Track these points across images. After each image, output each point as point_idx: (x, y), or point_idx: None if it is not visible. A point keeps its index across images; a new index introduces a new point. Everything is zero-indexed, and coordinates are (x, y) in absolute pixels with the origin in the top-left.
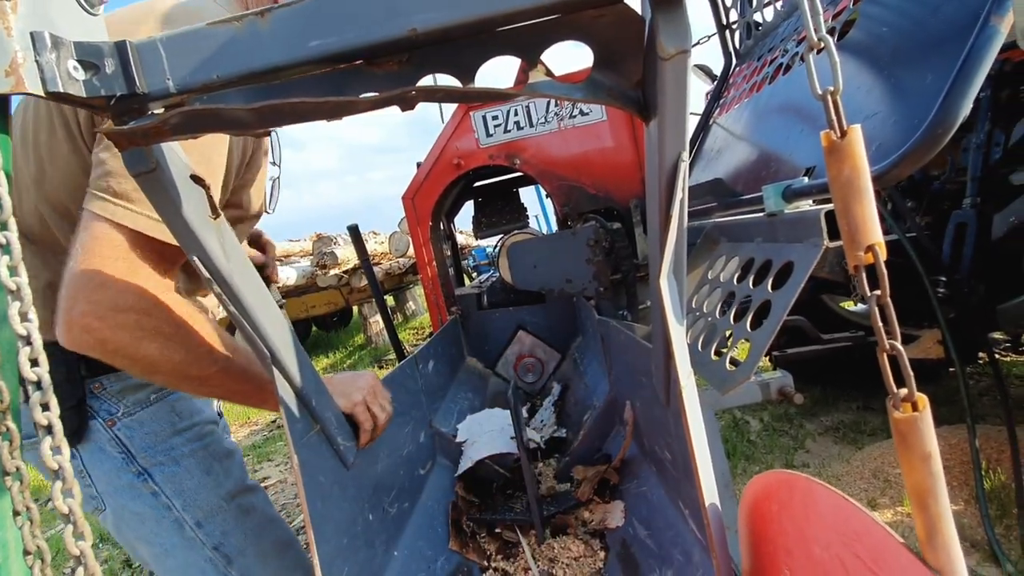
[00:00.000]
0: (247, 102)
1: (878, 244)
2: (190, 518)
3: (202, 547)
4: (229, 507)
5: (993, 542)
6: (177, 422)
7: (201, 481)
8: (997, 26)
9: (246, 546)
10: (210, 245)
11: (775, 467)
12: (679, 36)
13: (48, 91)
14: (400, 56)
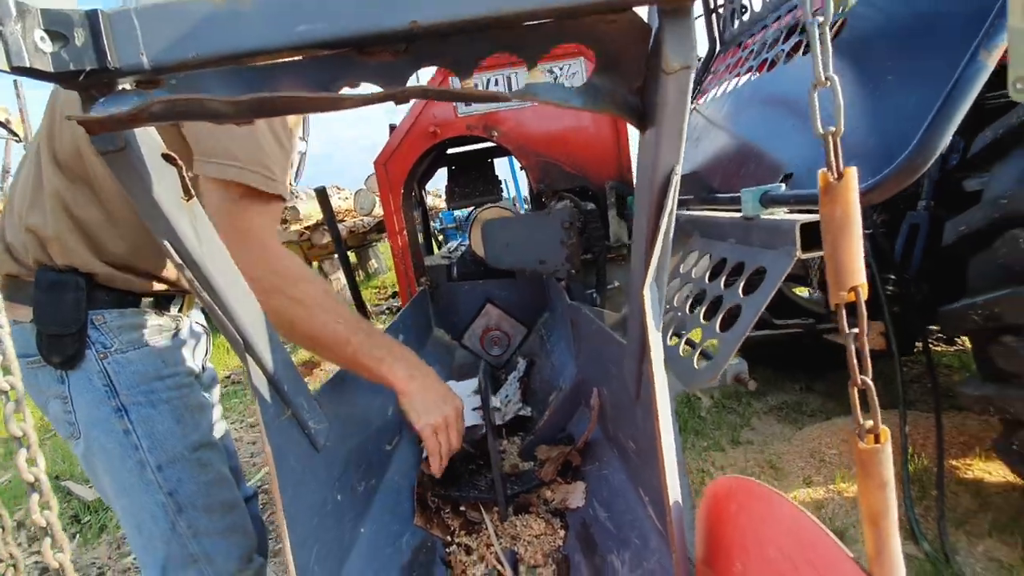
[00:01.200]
0: (225, 84)
1: (861, 286)
2: (153, 460)
3: (158, 491)
4: (190, 458)
5: (913, 521)
6: (162, 368)
7: (171, 428)
8: (984, 61)
9: (197, 498)
10: (182, 228)
11: (722, 443)
12: (685, 51)
13: (13, 66)
14: (396, 47)
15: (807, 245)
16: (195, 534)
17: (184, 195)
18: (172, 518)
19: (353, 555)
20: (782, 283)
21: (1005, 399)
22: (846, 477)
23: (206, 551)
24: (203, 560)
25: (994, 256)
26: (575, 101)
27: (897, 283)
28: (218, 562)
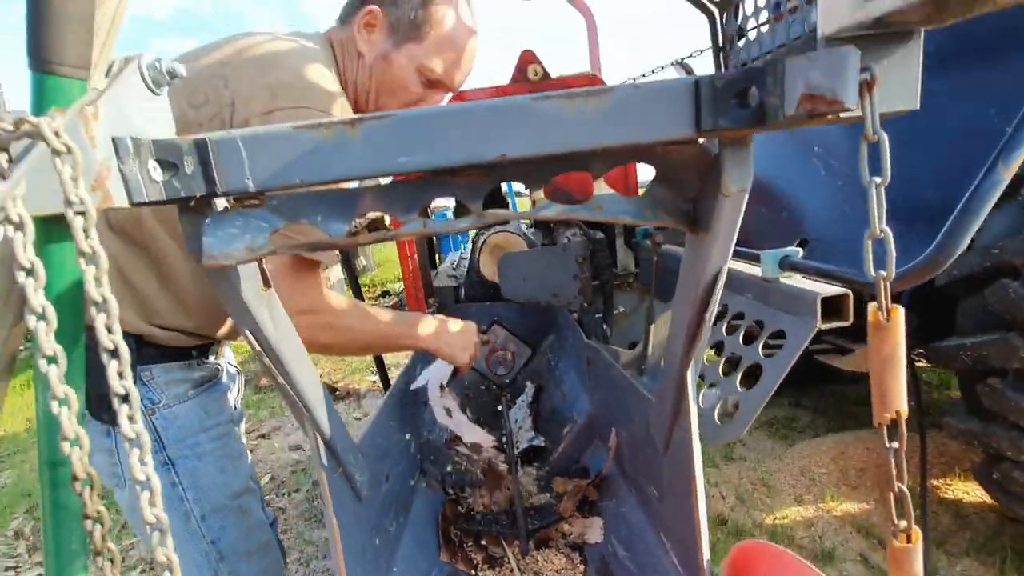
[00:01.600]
0: (322, 202)
1: (903, 409)
2: (198, 511)
3: (202, 539)
4: (232, 506)
5: None
6: (205, 419)
7: (214, 479)
8: (1002, 175)
9: (238, 544)
10: (262, 318)
11: (715, 459)
12: (743, 177)
13: (133, 202)
14: (481, 170)
15: (826, 314)
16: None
17: (263, 285)
18: (215, 566)
19: None
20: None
21: (989, 435)
22: (835, 496)
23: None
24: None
25: (984, 302)
26: (636, 215)
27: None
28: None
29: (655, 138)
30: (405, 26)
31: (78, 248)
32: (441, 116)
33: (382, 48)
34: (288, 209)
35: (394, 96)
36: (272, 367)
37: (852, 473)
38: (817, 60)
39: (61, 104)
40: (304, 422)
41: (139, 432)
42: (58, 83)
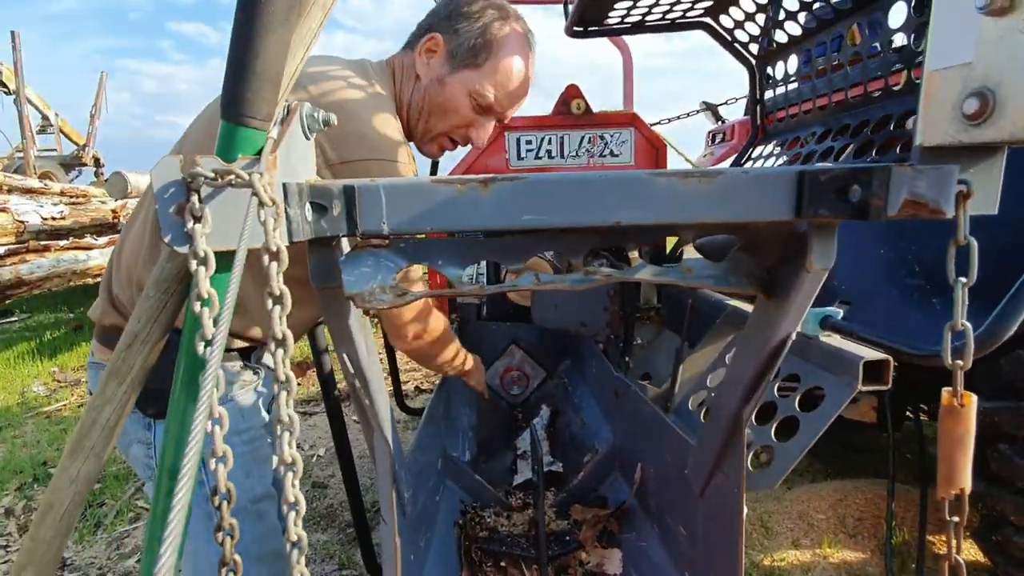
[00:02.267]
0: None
1: (967, 487)
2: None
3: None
4: (250, 510)
5: None
6: (240, 422)
7: (239, 481)
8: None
9: (251, 549)
10: (359, 343)
11: None
12: (827, 257)
13: (292, 241)
14: (590, 230)
15: (867, 379)
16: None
17: (365, 314)
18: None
19: None
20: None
21: (994, 498)
22: (832, 543)
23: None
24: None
25: (999, 370)
26: (720, 280)
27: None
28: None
29: (756, 218)
30: (464, 53)
31: (270, 290)
32: (567, 183)
33: (439, 72)
34: (413, 251)
35: (444, 118)
36: (360, 389)
37: (850, 521)
38: (923, 173)
39: (245, 152)
40: (373, 441)
41: (291, 416)
42: (247, 134)
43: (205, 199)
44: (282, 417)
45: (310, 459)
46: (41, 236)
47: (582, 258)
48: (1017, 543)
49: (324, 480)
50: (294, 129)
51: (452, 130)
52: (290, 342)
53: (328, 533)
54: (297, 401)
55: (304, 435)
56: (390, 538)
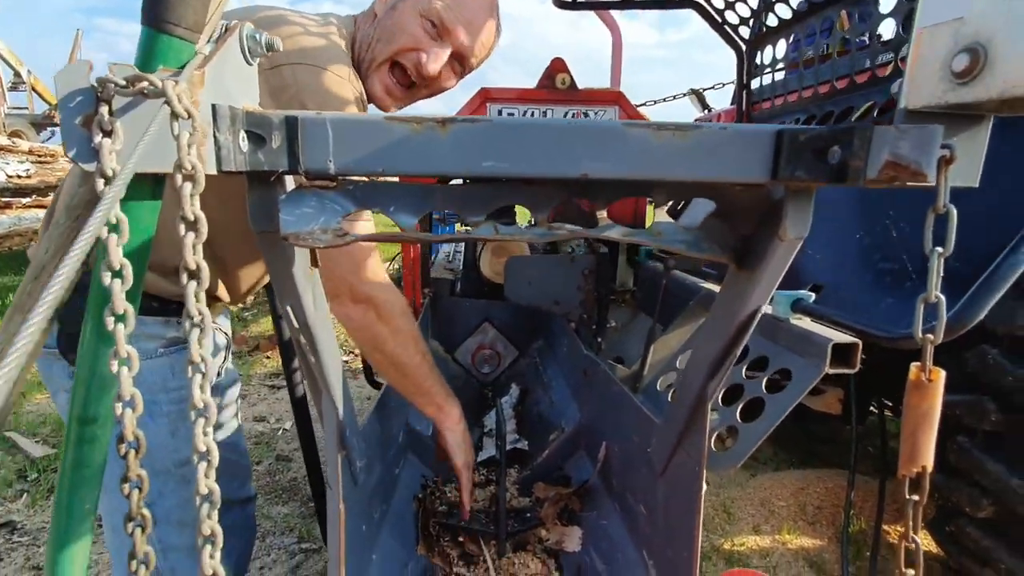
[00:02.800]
0: (396, 193)
1: (929, 465)
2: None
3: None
4: (175, 473)
5: None
6: (169, 380)
7: (163, 442)
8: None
9: (172, 513)
10: (305, 298)
11: None
12: (802, 225)
13: (222, 170)
14: (557, 183)
15: (834, 362)
16: (164, 549)
17: (312, 264)
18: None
19: None
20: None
21: (950, 490)
22: (792, 529)
23: (172, 567)
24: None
25: (963, 364)
26: (692, 246)
27: (865, 362)
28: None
29: (731, 178)
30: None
31: (183, 214)
32: (531, 128)
33: (392, 1)
34: (362, 195)
35: (391, 41)
36: (306, 345)
37: (810, 509)
38: (906, 133)
39: (167, 64)
40: (322, 403)
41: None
42: (169, 43)
43: (118, 112)
44: (193, 358)
45: (276, 432)
46: (5, 194)
47: (547, 214)
48: (970, 534)
49: (288, 454)
50: (230, 48)
51: (400, 53)
52: (204, 274)
53: (289, 506)
54: (267, 373)
55: (271, 408)
56: (335, 505)
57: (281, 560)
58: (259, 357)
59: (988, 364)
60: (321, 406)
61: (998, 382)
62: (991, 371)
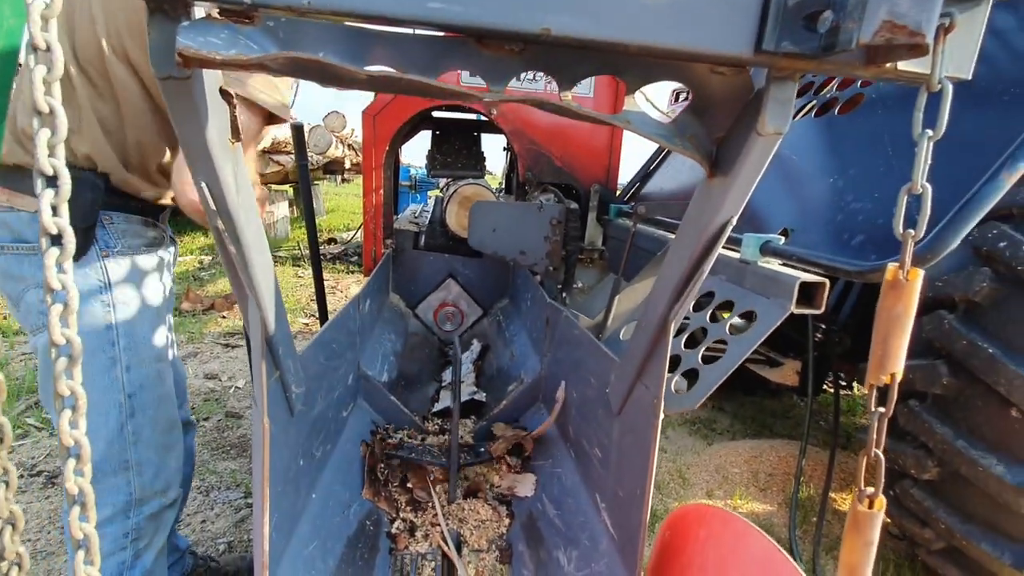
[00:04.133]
0: (327, 39)
1: (898, 372)
2: (125, 360)
3: (119, 391)
4: (153, 367)
5: (793, 540)
6: (149, 275)
7: (148, 334)
8: (1004, 181)
9: (148, 407)
10: (224, 174)
11: None
12: (783, 117)
13: None
14: (514, 45)
15: (800, 301)
16: (136, 441)
17: (232, 136)
18: (123, 419)
19: (303, 522)
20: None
21: (897, 452)
22: (744, 495)
23: (140, 460)
24: (134, 469)
25: (919, 330)
26: (664, 137)
27: (824, 331)
28: (147, 475)
29: (710, 49)
30: None
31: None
32: None
33: None
34: (286, 36)
35: None
36: (224, 232)
37: (762, 476)
38: None
39: None
40: (247, 306)
41: (65, 284)
42: None
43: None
44: (50, 282)
45: (227, 390)
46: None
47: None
48: (913, 495)
49: (240, 411)
50: None
51: None
52: (64, 180)
53: (238, 462)
54: (221, 332)
55: (225, 366)
56: (259, 418)
57: (225, 514)
58: (214, 316)
59: (943, 329)
60: (246, 308)
61: (951, 347)
62: (946, 336)
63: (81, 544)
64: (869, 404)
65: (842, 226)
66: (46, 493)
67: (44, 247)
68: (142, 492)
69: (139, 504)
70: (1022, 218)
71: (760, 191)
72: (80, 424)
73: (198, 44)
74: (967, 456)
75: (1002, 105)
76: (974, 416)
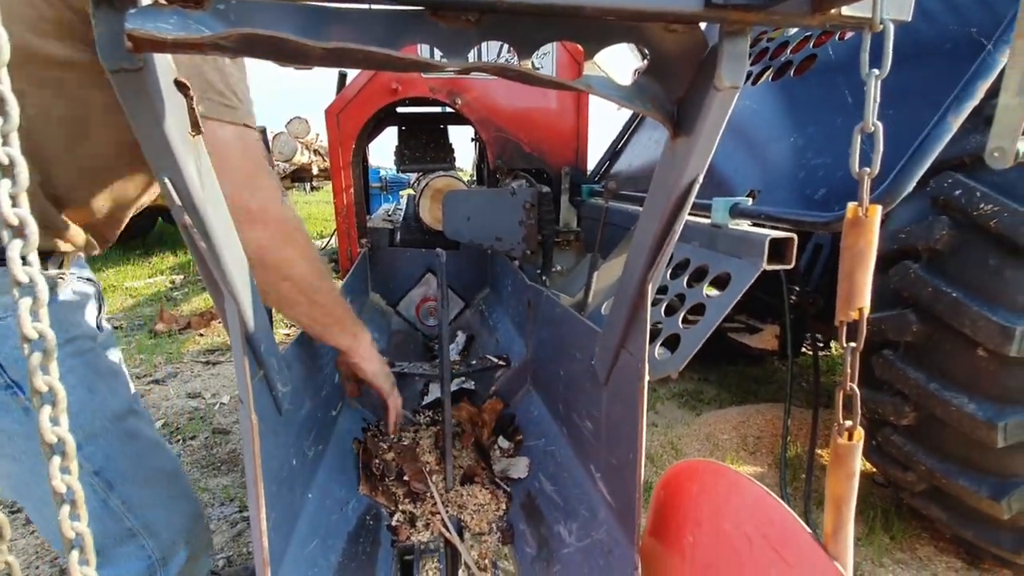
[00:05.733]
0: (280, 20)
1: (866, 307)
2: (70, 439)
3: (81, 472)
4: (114, 430)
5: (785, 496)
6: (61, 331)
7: (83, 400)
8: (951, 123)
9: (128, 471)
10: (187, 167)
11: None
12: (738, 71)
13: None
14: (470, 15)
15: (771, 258)
16: (130, 508)
17: (192, 129)
18: (103, 496)
19: (301, 522)
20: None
21: (875, 402)
22: (735, 459)
23: (146, 523)
24: (143, 533)
25: (888, 281)
26: (622, 98)
27: (798, 294)
28: (161, 535)
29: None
30: None
31: None
32: None
33: None
34: (238, 18)
35: None
36: (193, 231)
37: (751, 440)
38: None
39: None
40: (224, 303)
41: (42, 332)
42: None
43: None
44: (24, 330)
45: (212, 407)
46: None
47: (464, 58)
48: (894, 441)
49: (227, 427)
50: None
51: None
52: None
53: (229, 477)
54: (200, 350)
55: (207, 383)
56: (246, 415)
57: (221, 529)
58: (191, 335)
59: (910, 279)
60: (224, 311)
61: (919, 295)
62: (912, 285)
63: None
64: (840, 340)
65: (805, 182)
66: (30, 528)
67: (15, 297)
68: (162, 551)
69: (163, 564)
70: (973, 166)
71: (725, 156)
72: (72, 469)
73: (147, 28)
74: (940, 398)
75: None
76: (944, 359)
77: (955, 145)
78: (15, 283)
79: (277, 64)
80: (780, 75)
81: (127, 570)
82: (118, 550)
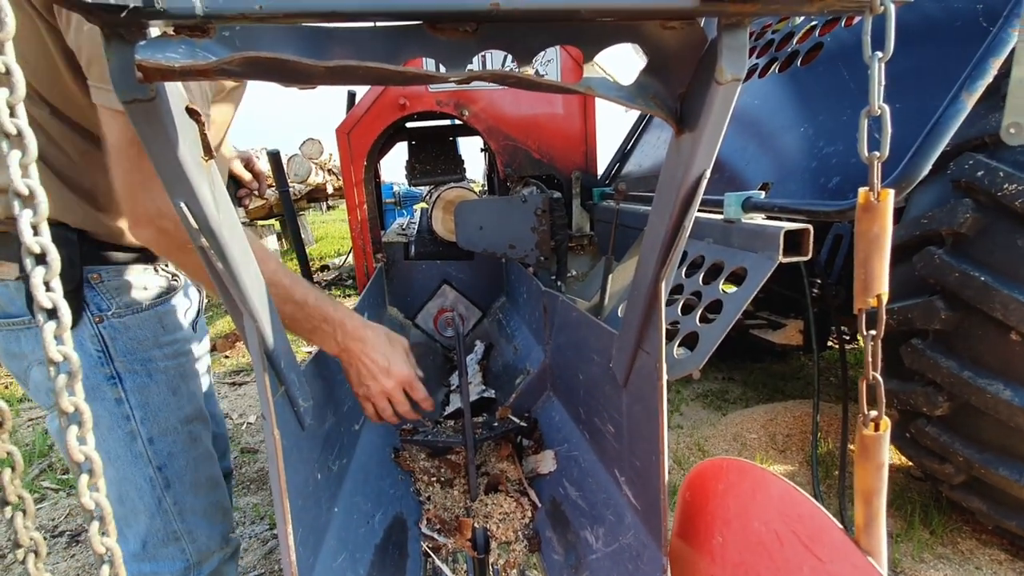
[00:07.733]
0: (283, 42)
1: (884, 293)
2: (145, 432)
3: (147, 464)
4: (182, 431)
5: (818, 495)
6: (161, 335)
7: (166, 399)
8: (965, 102)
9: (185, 474)
10: (201, 192)
11: None
12: (739, 63)
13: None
14: (467, 26)
15: (787, 251)
16: (180, 512)
17: (204, 154)
18: (159, 493)
19: (329, 535)
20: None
21: (907, 393)
22: (764, 458)
23: (190, 529)
24: (185, 538)
25: (912, 268)
26: (625, 98)
27: (820, 287)
28: (200, 540)
29: (658, 3)
30: None
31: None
32: None
33: None
34: (243, 44)
35: None
36: (211, 253)
37: (780, 438)
38: None
39: None
40: (243, 322)
41: (67, 355)
42: None
43: None
44: (50, 354)
45: (240, 427)
46: None
47: (463, 69)
48: (928, 433)
49: (255, 446)
50: None
51: None
52: (40, 202)
53: (259, 496)
54: (227, 372)
55: (234, 404)
56: (270, 432)
57: (253, 548)
58: (217, 358)
59: (935, 264)
60: (243, 329)
61: (945, 281)
62: (938, 271)
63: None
64: (860, 328)
65: (818, 172)
66: (71, 552)
67: (41, 320)
68: (199, 556)
69: (197, 567)
70: (995, 145)
71: (736, 151)
72: (100, 487)
73: (157, 58)
74: (975, 386)
75: (953, 32)
76: (976, 345)
77: (974, 126)
78: (40, 308)
79: (281, 85)
80: (787, 66)
81: (167, 568)
82: (162, 550)
